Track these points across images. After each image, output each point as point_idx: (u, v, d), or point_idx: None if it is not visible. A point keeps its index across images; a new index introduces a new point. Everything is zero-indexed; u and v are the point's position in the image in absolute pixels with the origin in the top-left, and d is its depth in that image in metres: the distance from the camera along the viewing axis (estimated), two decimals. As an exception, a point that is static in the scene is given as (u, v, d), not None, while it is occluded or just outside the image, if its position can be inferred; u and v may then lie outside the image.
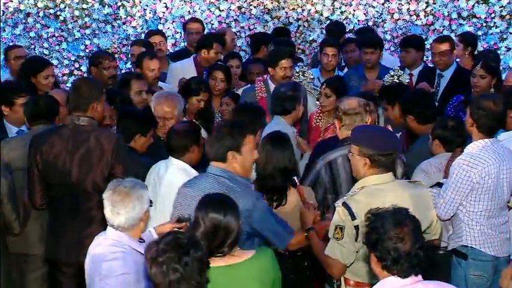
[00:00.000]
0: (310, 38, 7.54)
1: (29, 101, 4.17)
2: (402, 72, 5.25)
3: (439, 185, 3.53)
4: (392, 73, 5.17)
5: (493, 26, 6.94)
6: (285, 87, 4.56)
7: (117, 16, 7.83)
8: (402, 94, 4.44)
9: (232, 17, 7.72)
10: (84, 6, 7.82)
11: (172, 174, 3.65)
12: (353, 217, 2.96)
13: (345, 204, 2.99)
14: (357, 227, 2.95)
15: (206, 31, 7.54)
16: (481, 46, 6.71)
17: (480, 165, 3.42)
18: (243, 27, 7.71)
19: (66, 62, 7.84)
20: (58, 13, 7.82)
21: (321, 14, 7.48)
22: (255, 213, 3.06)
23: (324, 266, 3.11)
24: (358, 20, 7.34)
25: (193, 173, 3.64)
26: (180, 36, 7.60)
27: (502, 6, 6.89)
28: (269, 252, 2.87)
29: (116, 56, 7.03)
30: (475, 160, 3.43)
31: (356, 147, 3.07)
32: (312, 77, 5.40)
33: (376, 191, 3.00)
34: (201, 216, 2.74)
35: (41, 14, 7.82)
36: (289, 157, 3.62)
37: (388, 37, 7.29)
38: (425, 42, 6.24)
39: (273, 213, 3.25)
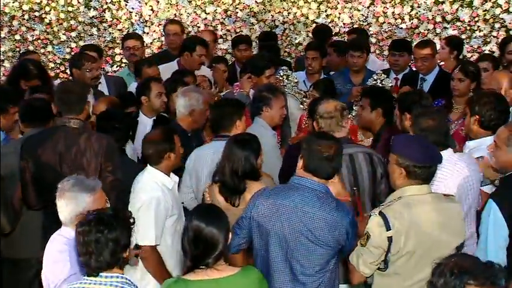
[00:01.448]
0: (296, 41, 7.57)
1: (23, 103, 4.21)
2: (385, 76, 5.29)
3: None
4: (375, 77, 5.21)
5: (476, 30, 7.00)
6: (261, 87, 4.62)
7: (103, 19, 7.81)
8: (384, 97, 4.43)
9: (218, 19, 7.72)
10: (70, 8, 7.79)
11: (141, 184, 3.66)
12: (388, 227, 2.92)
13: (381, 214, 2.95)
14: (390, 238, 2.92)
15: (192, 34, 7.61)
16: (464, 50, 6.78)
17: (447, 179, 3.40)
18: (229, 30, 7.72)
19: (51, 65, 7.80)
20: (43, 16, 7.79)
21: (307, 17, 7.51)
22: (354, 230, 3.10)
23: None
24: (344, 23, 7.38)
25: (168, 181, 3.67)
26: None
27: (485, 10, 6.95)
28: (256, 274, 2.84)
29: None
30: (441, 175, 3.39)
31: (394, 156, 3.04)
32: (296, 80, 5.43)
33: (413, 201, 2.98)
34: (189, 222, 2.78)
35: (26, 16, 7.78)
36: (246, 158, 3.62)
37: (373, 40, 7.33)
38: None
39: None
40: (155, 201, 3.55)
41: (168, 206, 3.60)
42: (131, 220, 2.75)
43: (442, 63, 6.19)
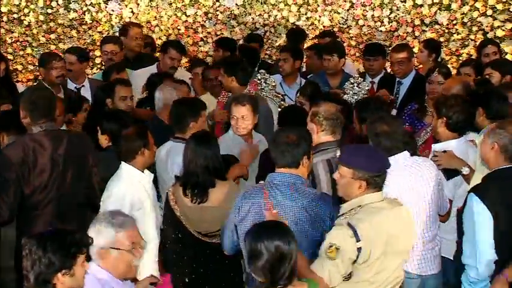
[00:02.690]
0: (277, 44, 7.58)
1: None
2: (362, 79, 5.32)
3: None
4: (352, 80, 5.24)
5: (454, 33, 7.06)
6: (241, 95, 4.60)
7: (83, 21, 7.78)
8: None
9: (199, 22, 7.72)
10: (49, 10, 7.75)
11: (114, 182, 3.72)
12: (358, 239, 2.91)
13: (349, 225, 2.92)
14: (359, 249, 2.91)
15: (173, 36, 7.61)
16: (443, 53, 6.83)
17: (392, 182, 3.36)
18: (209, 33, 7.72)
19: (30, 67, 7.76)
20: (22, 18, 7.74)
21: (287, 20, 7.53)
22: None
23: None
24: (324, 26, 7.41)
25: (142, 177, 3.72)
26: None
27: (463, 13, 7.01)
28: (317, 284, 2.84)
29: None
30: (389, 180, 3.35)
31: (349, 170, 3.01)
32: (274, 83, 5.44)
33: (374, 209, 3.02)
34: (260, 244, 2.61)
35: (5, 18, 7.73)
36: (213, 155, 3.68)
37: (353, 43, 7.38)
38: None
39: None
40: (120, 195, 3.60)
41: (134, 199, 3.63)
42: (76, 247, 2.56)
43: (420, 66, 6.26)
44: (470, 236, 3.31)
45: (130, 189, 3.64)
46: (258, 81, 5.37)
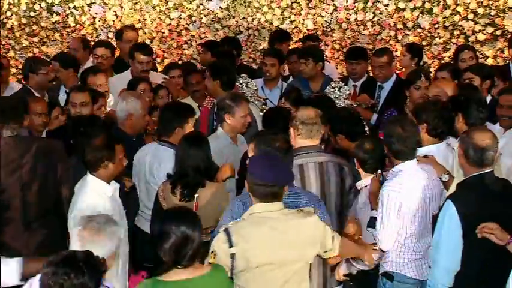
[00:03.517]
0: (261, 47, 7.59)
1: None
2: (343, 83, 5.34)
3: (372, 222, 3.57)
4: (333, 85, 5.24)
5: (436, 37, 7.12)
6: (222, 96, 4.61)
7: (66, 24, 7.75)
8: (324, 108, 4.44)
9: (183, 25, 7.72)
10: (32, 13, 7.72)
11: (78, 194, 3.64)
12: (230, 244, 2.91)
13: (226, 231, 2.94)
14: (233, 255, 2.91)
15: (157, 39, 7.61)
16: (425, 56, 6.88)
17: (406, 188, 3.46)
18: (193, 36, 7.72)
19: (13, 70, 7.70)
20: (5, 21, 7.71)
21: (271, 23, 7.55)
22: None
23: None
24: (307, 29, 7.43)
25: (107, 189, 3.64)
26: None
27: (445, 17, 7.06)
28: (224, 272, 2.95)
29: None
30: (400, 184, 3.47)
31: (248, 176, 3.05)
32: (255, 87, 5.43)
33: (261, 219, 2.96)
34: (170, 228, 2.81)
35: (-13, 21, 7.69)
36: (204, 156, 3.75)
37: (336, 46, 7.41)
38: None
39: None
40: (90, 209, 3.52)
41: (99, 211, 3.55)
42: (103, 268, 2.61)
43: (403, 70, 6.29)
44: (436, 241, 3.36)
45: (94, 201, 3.55)
46: (240, 85, 5.38)
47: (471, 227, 3.27)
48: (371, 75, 5.89)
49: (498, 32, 6.88)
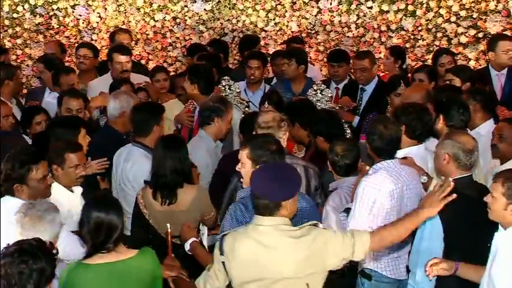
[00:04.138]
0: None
1: None
2: (325, 86, 5.35)
3: (347, 210, 3.60)
4: (315, 87, 5.27)
5: (420, 39, 7.16)
6: (211, 99, 4.63)
7: (50, 26, 7.71)
8: (305, 112, 4.45)
9: (168, 27, 7.70)
10: (15, 15, 7.66)
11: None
12: (221, 252, 2.85)
13: (222, 237, 2.89)
14: (224, 263, 2.84)
15: (142, 42, 7.60)
16: (408, 58, 6.92)
17: (383, 186, 3.49)
18: (178, 38, 7.71)
19: (-4, 72, 7.66)
20: (-13, 22, 7.64)
21: (256, 25, 7.55)
22: None
23: None
24: (292, 31, 7.45)
25: (67, 194, 3.65)
26: (114, 47, 7.53)
27: (428, 20, 7.11)
28: (151, 252, 3.06)
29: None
30: (377, 182, 3.50)
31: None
32: (238, 90, 5.45)
33: (252, 233, 2.82)
34: (86, 214, 2.93)
35: (-30, 23, 7.63)
36: (181, 158, 3.75)
37: (321, 48, 7.43)
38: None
39: None
40: None
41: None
42: (54, 251, 2.68)
43: (387, 72, 6.32)
44: (417, 245, 3.38)
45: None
46: (222, 88, 5.38)
47: (452, 231, 3.30)
48: (353, 77, 5.91)
49: (480, 35, 6.94)
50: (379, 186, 3.49)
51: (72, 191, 3.79)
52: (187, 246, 3.53)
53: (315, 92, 5.24)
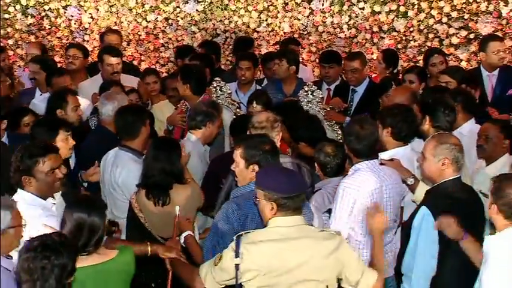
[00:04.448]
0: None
1: None
2: (316, 87, 5.35)
3: (330, 211, 3.61)
4: (306, 88, 5.27)
5: (411, 40, 7.17)
6: (204, 103, 4.63)
7: (41, 26, 7.69)
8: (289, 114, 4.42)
9: (160, 28, 7.70)
10: (6, 16, 7.65)
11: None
12: (236, 255, 2.78)
13: (238, 238, 2.81)
14: (237, 266, 2.78)
15: (134, 42, 7.59)
16: (400, 59, 6.92)
17: (362, 186, 3.50)
18: (170, 39, 7.70)
19: (-13, 73, 7.63)
20: (-21, 23, 7.62)
21: (248, 26, 7.55)
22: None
23: (190, 277, 3.03)
24: (284, 32, 7.45)
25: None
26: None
27: (419, 21, 7.12)
28: (130, 251, 3.07)
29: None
30: (357, 182, 3.51)
31: (261, 192, 2.86)
32: (229, 91, 5.45)
33: (276, 234, 2.80)
34: (67, 216, 2.91)
35: (-39, 24, 7.60)
36: (170, 158, 3.75)
37: (313, 49, 7.43)
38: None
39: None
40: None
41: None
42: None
43: (377, 73, 6.34)
44: (412, 249, 3.37)
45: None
46: (214, 89, 5.38)
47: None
48: (345, 78, 5.92)
49: (472, 36, 6.95)
50: (359, 186, 3.50)
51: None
52: (181, 239, 3.52)
53: (306, 93, 5.24)
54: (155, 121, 5.02)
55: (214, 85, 5.42)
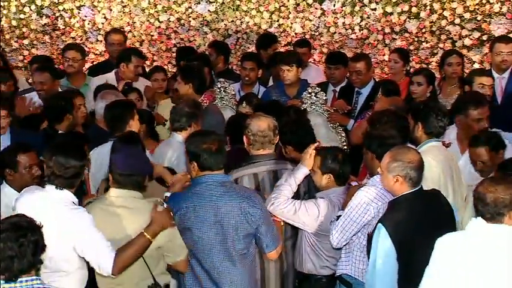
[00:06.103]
0: (249, 51, 7.58)
1: None
2: (319, 89, 5.31)
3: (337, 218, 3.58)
4: (309, 90, 5.23)
5: (423, 41, 7.08)
6: (186, 104, 4.61)
7: (56, 27, 7.80)
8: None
9: (172, 28, 7.74)
10: (22, 16, 7.77)
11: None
12: None
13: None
14: None
15: (147, 43, 7.65)
16: (412, 61, 6.85)
17: (380, 200, 3.46)
18: (182, 39, 7.74)
19: (3, 72, 7.75)
20: (-5, 23, 7.76)
21: (259, 27, 7.54)
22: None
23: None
24: (296, 33, 7.43)
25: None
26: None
27: (432, 22, 7.03)
28: None
29: (56, 66, 6.94)
30: (376, 195, 3.47)
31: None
32: (233, 92, 5.45)
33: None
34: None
35: (-23, 23, 7.75)
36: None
37: (324, 50, 7.39)
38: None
39: None
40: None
41: None
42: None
43: (389, 74, 6.27)
44: (371, 264, 3.28)
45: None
46: (218, 90, 5.39)
47: (405, 248, 3.20)
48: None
49: (484, 37, 6.84)
50: (376, 199, 3.48)
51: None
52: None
53: (309, 95, 5.21)
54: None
55: (219, 86, 5.43)
